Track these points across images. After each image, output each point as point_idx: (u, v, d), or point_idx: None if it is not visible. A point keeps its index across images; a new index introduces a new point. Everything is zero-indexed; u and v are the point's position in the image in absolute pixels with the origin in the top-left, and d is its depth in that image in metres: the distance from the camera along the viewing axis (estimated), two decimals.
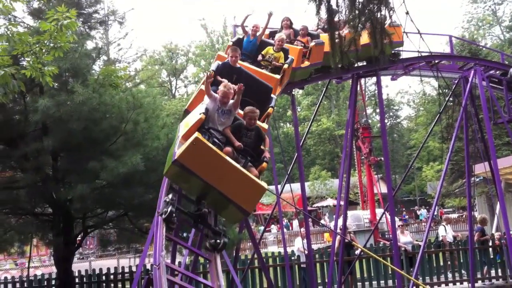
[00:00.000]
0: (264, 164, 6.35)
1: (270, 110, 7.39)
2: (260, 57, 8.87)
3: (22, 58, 9.08)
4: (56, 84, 10.05)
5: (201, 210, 6.14)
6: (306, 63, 10.75)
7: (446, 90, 16.32)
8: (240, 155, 6.16)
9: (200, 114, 6.21)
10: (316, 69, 11.68)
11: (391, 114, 67.23)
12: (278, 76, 8.27)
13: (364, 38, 10.80)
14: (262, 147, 6.61)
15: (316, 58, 10.95)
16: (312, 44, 10.71)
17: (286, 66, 9.23)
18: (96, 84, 9.79)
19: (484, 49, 34.12)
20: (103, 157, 9.47)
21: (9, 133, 9.92)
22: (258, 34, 9.22)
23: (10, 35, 6.92)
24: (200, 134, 5.79)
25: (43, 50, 7.00)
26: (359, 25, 7.20)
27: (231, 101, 6.51)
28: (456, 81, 14.19)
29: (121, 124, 10.05)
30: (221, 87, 6.56)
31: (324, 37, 10.78)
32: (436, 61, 13.21)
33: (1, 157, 10.49)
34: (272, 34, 10.36)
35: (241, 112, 6.75)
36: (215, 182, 5.73)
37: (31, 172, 9.71)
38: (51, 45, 6.94)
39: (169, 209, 5.93)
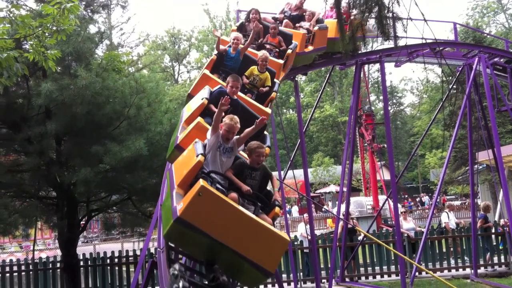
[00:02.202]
0: (277, 210, 5.29)
1: (267, 150, 6.22)
2: (244, 79, 7.51)
3: (25, 42, 9.07)
4: (59, 68, 10.04)
5: (218, 279, 4.94)
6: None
7: (450, 78, 16.25)
8: (245, 201, 5.13)
9: (198, 156, 5.07)
10: (319, 55, 11.57)
11: (394, 101, 67.11)
12: (269, 110, 7.03)
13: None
14: (268, 187, 5.59)
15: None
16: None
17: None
18: (99, 69, 9.78)
19: (488, 36, 33.89)
20: (106, 141, 9.51)
21: (12, 116, 9.94)
22: (240, 47, 7.89)
23: (13, 18, 6.88)
24: (206, 182, 4.74)
25: (46, 34, 6.96)
26: (366, 9, 7.14)
27: (235, 137, 5.47)
28: (460, 69, 14.11)
29: (124, 109, 10.06)
30: (226, 120, 5.44)
31: (296, 35, 9.75)
32: (441, 48, 13.12)
33: (4, 140, 10.53)
34: (240, 29, 9.32)
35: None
36: (228, 240, 4.65)
37: (34, 156, 9.74)
38: (54, 28, 6.89)
39: (180, 285, 4.66)
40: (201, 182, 4.65)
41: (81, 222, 11.72)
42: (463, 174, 31.15)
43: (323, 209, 32.80)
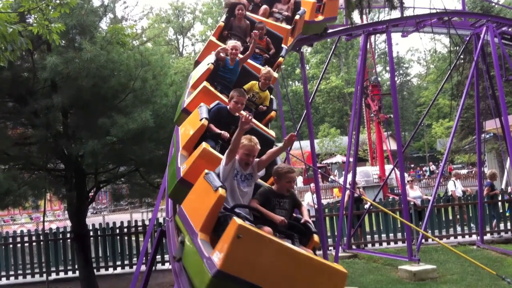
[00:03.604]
0: (316, 238, 4.53)
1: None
2: None
3: (29, 15, 9.04)
4: (64, 42, 10.03)
5: None
6: (320, 17, 10.19)
7: (457, 48, 16.13)
8: (277, 234, 4.27)
9: (218, 189, 4.23)
10: None
11: (401, 71, 66.68)
12: (273, 133, 6.26)
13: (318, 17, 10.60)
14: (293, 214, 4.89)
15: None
16: (297, 17, 9.23)
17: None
18: (103, 42, 9.73)
19: (496, 6, 33.39)
20: (112, 113, 9.52)
21: (18, 90, 9.97)
22: (238, 58, 7.07)
23: None
24: (242, 220, 3.84)
25: (49, 7, 6.93)
26: None
27: (255, 160, 4.75)
28: (467, 38, 13.99)
29: (130, 82, 10.05)
30: (244, 141, 4.66)
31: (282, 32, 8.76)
32: (448, 18, 12.99)
33: (11, 114, 10.59)
34: (226, 25, 8.44)
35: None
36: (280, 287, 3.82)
37: (41, 129, 9.80)
38: (57, 1, 6.86)
39: None
40: (237, 220, 3.76)
41: (90, 194, 11.87)
42: (470, 143, 31.16)
43: (329, 179, 32.97)
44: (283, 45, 8.46)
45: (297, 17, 9.30)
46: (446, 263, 12.18)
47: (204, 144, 5.18)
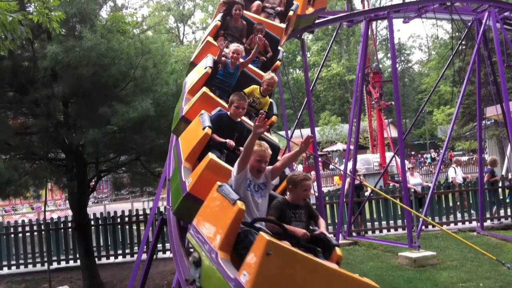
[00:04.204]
0: (339, 251, 4.16)
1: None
2: None
3: (29, 4, 9.01)
4: (64, 30, 10.00)
5: None
6: (310, 10, 10.17)
7: (459, 33, 16.07)
8: (296, 247, 3.83)
9: (236, 202, 3.94)
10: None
11: (402, 58, 66.49)
12: (276, 139, 6.09)
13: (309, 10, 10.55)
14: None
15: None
16: (290, 13, 9.12)
17: (291, 13, 8.23)
18: (104, 30, 9.70)
19: None
20: (113, 102, 9.52)
21: (18, 79, 9.94)
22: (238, 62, 6.75)
23: None
24: (269, 235, 3.56)
25: None
26: None
27: (268, 168, 4.43)
28: (469, 24, 13.92)
29: (130, 70, 10.02)
30: (256, 147, 4.32)
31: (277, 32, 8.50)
32: (450, 3, 12.92)
33: (12, 104, 10.58)
34: (222, 25, 8.11)
35: None
36: None
37: (42, 118, 9.77)
38: None
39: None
40: (265, 236, 3.47)
41: (91, 183, 11.89)
42: (471, 130, 31.15)
43: (330, 167, 33.07)
44: (279, 48, 8.24)
45: (290, 13, 9.18)
46: (446, 250, 12.23)
47: (210, 155, 4.85)
